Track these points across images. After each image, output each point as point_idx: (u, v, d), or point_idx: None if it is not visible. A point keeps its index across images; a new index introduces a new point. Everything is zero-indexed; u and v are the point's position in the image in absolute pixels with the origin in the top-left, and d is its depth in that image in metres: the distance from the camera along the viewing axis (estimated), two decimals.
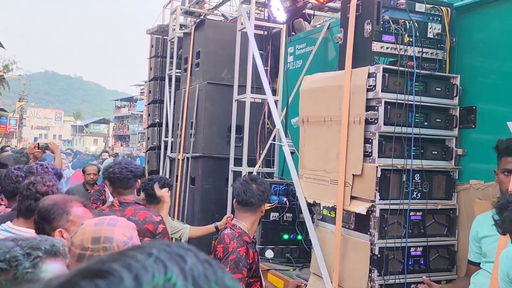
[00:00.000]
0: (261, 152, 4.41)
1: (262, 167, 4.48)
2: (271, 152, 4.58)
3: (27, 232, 2.37)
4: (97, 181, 6.12)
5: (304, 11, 4.21)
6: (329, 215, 3.16)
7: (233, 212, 4.62)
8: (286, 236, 4.08)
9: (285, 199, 4.03)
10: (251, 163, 4.41)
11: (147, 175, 6.74)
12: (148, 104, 6.88)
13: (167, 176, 5.98)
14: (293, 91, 4.36)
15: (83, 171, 6.27)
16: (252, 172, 4.18)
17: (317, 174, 3.21)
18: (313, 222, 3.32)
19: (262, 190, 3.00)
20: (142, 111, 51.91)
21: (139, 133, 53.69)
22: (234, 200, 3.12)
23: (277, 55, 4.85)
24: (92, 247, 1.56)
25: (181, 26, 6.35)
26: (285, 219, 4.06)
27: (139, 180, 3.36)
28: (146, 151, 6.87)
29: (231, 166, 4.49)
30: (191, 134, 5.26)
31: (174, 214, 5.30)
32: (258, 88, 4.65)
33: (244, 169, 4.24)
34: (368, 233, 2.80)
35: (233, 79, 5.10)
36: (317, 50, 4.49)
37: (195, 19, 6.37)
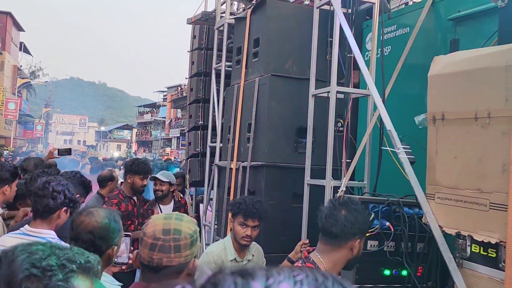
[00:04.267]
0: (347, 160, 3.46)
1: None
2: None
3: (46, 233, 2.46)
4: None
5: None
6: (485, 253, 2.18)
7: (309, 237, 3.69)
8: (387, 272, 3.10)
9: (387, 223, 3.06)
10: (332, 174, 3.45)
11: (188, 185, 5.88)
12: (190, 104, 5.99)
13: (215, 188, 5.07)
14: (389, 84, 3.40)
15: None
16: (339, 187, 3.22)
17: (462, 194, 2.24)
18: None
19: (352, 221, 2.19)
20: (165, 117, 52.15)
21: (161, 139, 53.49)
22: None
23: (359, 40, 3.90)
24: (163, 238, 1.66)
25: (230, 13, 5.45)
26: (385, 249, 3.09)
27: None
28: (187, 159, 5.96)
29: (307, 179, 3.54)
30: (248, 138, 4.34)
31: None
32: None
33: (328, 183, 3.28)
34: None
35: (300, 71, 4.20)
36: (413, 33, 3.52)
37: (244, 5, 5.47)
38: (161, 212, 4.84)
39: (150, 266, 1.67)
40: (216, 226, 4.99)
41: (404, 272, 3.10)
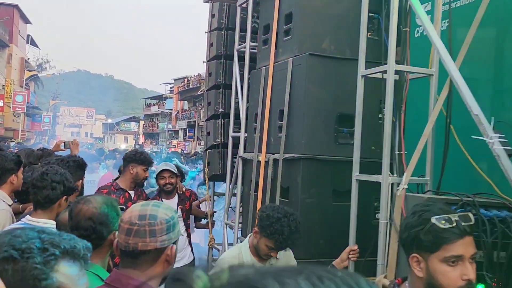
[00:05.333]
0: (404, 152, 2.92)
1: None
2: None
3: (47, 223, 2.45)
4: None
5: None
6: None
7: (358, 242, 3.17)
8: None
9: None
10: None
11: (207, 180, 5.39)
12: (208, 90, 5.47)
13: (239, 184, 4.56)
14: (457, 62, 2.85)
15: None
16: (400, 184, 2.70)
17: None
18: None
19: (402, 228, 1.77)
20: (171, 109, 51.84)
21: (168, 131, 53.21)
22: None
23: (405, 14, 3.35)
24: (138, 223, 1.67)
25: None
26: None
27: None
28: (206, 150, 5.46)
29: (356, 174, 3.01)
30: (279, 127, 3.82)
31: None
32: (374, 62, 3.15)
33: (386, 179, 2.75)
34: None
35: (338, 50, 3.66)
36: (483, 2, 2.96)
37: None
38: None
39: (126, 251, 1.68)
40: (241, 225, 4.49)
41: (480, 286, 2.59)
